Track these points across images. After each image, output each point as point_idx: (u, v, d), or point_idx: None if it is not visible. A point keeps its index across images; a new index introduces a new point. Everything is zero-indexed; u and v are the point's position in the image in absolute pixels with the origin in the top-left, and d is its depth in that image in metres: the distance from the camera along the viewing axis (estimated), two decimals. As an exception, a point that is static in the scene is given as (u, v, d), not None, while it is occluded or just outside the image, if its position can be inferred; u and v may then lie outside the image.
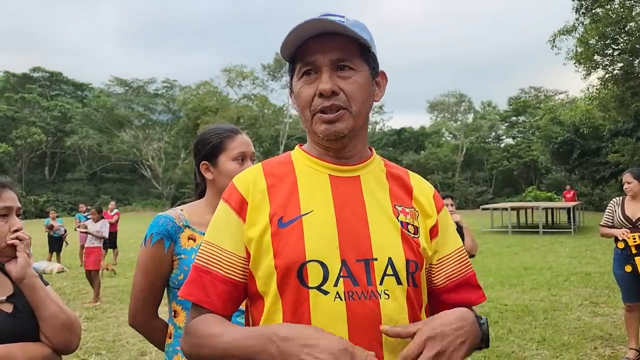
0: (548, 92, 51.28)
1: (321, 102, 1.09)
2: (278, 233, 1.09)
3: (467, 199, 43.88)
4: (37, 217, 37.41)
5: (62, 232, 12.30)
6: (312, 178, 1.16)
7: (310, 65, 1.11)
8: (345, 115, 1.10)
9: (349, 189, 1.15)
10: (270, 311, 1.08)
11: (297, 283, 1.05)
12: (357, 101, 1.12)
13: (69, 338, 1.51)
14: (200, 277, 1.13)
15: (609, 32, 18.04)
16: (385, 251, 1.09)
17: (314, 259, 1.06)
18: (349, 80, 1.10)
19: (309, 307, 1.04)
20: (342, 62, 1.10)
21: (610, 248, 6.85)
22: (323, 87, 1.08)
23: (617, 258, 4.69)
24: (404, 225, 1.15)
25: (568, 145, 25.36)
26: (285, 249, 1.07)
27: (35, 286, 1.48)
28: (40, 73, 54.16)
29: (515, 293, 7.82)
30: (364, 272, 1.06)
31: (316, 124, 1.12)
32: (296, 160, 1.21)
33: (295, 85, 1.15)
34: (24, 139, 44.38)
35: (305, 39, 1.09)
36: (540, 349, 5.10)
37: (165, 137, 50.68)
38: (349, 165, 1.18)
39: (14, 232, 1.50)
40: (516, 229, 19.70)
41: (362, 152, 1.21)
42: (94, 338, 6.00)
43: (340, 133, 1.11)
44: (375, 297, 1.06)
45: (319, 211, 1.11)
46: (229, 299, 1.12)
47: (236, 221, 1.13)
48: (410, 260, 1.11)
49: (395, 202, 1.18)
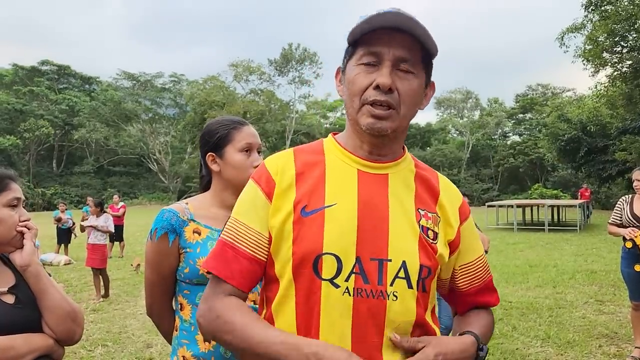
0: (555, 89, 50.96)
1: (375, 95, 1.08)
2: (300, 221, 1.10)
3: (472, 196, 43.75)
4: (45, 209, 37.63)
5: (70, 225, 12.40)
6: (340, 171, 1.16)
7: (373, 55, 1.09)
8: (393, 115, 1.10)
9: (375, 187, 1.15)
10: (284, 295, 1.10)
11: (311, 272, 1.07)
12: (408, 104, 1.12)
13: (72, 328, 1.52)
14: (225, 252, 1.15)
15: (618, 30, 17.93)
16: (400, 254, 1.10)
17: (330, 252, 1.07)
18: (406, 82, 1.10)
19: (320, 298, 1.06)
20: (405, 62, 1.10)
21: (616, 246, 6.79)
22: (383, 81, 1.07)
23: (625, 257, 4.67)
24: (424, 230, 1.15)
25: (575, 142, 25.22)
26: (304, 238, 1.09)
27: (40, 274, 1.50)
28: (48, 66, 54.26)
29: (520, 290, 7.82)
30: (376, 272, 1.08)
31: (363, 115, 1.11)
32: (328, 151, 1.21)
33: (351, 70, 1.13)
34: (32, 132, 44.56)
35: (376, 27, 1.08)
36: (545, 347, 5.10)
37: (172, 131, 50.75)
38: (379, 162, 1.18)
39: (24, 221, 1.54)
40: (522, 226, 19.63)
41: (395, 152, 1.21)
42: (100, 330, 6.04)
43: (384, 131, 1.11)
44: (384, 297, 1.07)
45: (342, 205, 1.11)
46: (249, 276, 1.14)
47: (264, 202, 1.15)
48: (424, 266, 1.12)
49: (419, 206, 1.18)
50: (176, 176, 49.56)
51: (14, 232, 1.51)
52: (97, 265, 7.80)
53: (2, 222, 1.49)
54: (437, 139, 50.43)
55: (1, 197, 1.51)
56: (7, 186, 1.53)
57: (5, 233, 1.50)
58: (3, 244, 1.51)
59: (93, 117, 48.25)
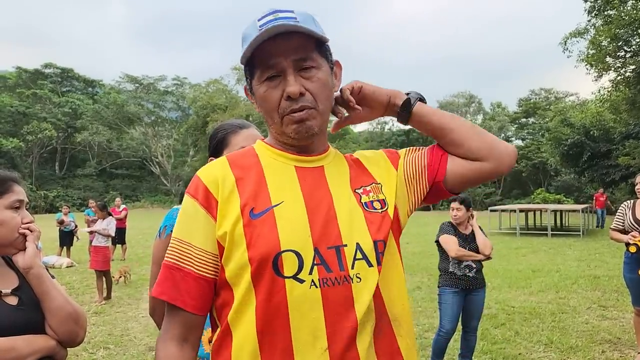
0: (558, 93, 50.88)
1: (290, 105, 1.10)
2: (250, 224, 1.09)
3: (475, 200, 43.70)
4: (47, 212, 37.71)
5: (72, 227, 12.44)
6: (278, 169, 1.18)
7: (272, 69, 1.10)
8: (314, 113, 1.13)
9: (314, 179, 1.18)
10: (242, 302, 1.08)
11: (272, 273, 1.06)
12: (322, 98, 1.14)
13: (74, 330, 1.52)
14: (172, 275, 1.12)
15: (622, 34, 17.91)
16: (353, 237, 1.13)
17: (288, 248, 1.07)
18: (313, 80, 1.12)
19: (286, 296, 1.05)
20: (304, 61, 1.11)
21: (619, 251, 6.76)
22: (291, 89, 1.09)
23: (628, 262, 4.66)
24: (368, 205, 1.19)
25: (578, 147, 25.19)
26: (259, 240, 1.07)
27: (42, 276, 1.51)
28: (51, 69, 54.52)
29: (522, 295, 7.79)
30: (335, 259, 1.09)
31: (287, 126, 1.13)
32: (260, 153, 1.22)
33: (258, 89, 1.14)
34: (35, 135, 44.71)
35: (260, 42, 1.08)
36: (548, 352, 5.08)
37: (174, 134, 50.86)
38: (312, 156, 1.21)
39: (26, 223, 1.54)
40: (524, 230, 19.59)
41: (324, 144, 1.25)
42: (102, 332, 6.04)
43: (311, 130, 1.13)
44: (348, 281, 1.09)
45: (289, 202, 1.12)
46: (201, 296, 1.12)
47: (205, 217, 1.12)
48: (377, 241, 1.15)
49: (355, 187, 1.22)
50: (178, 179, 49.61)
51: (16, 234, 1.51)
52: (99, 267, 7.84)
53: (4, 224, 1.49)
54: (439, 143, 50.35)
55: (3, 199, 1.52)
56: (9, 188, 1.54)
57: (8, 235, 1.50)
58: (5, 246, 1.51)
59: (96, 120, 48.41)
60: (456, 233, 4.27)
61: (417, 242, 15.35)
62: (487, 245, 4.27)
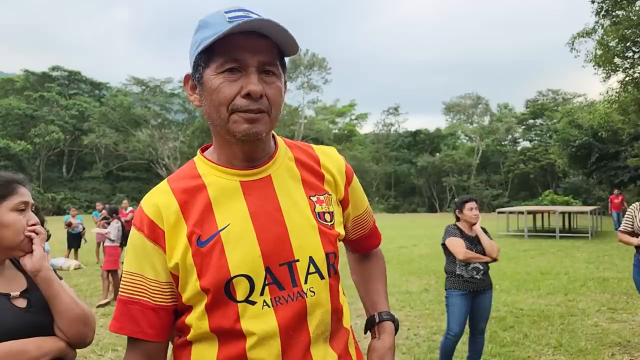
0: (566, 94, 50.66)
1: (247, 104, 1.06)
2: (198, 253, 1.08)
3: (482, 202, 43.56)
4: (55, 214, 37.87)
5: (80, 230, 12.48)
6: (223, 189, 1.13)
7: (236, 62, 1.06)
8: (265, 118, 1.09)
9: (262, 193, 1.14)
10: (198, 325, 1.10)
11: (225, 299, 1.07)
12: (276, 107, 1.12)
13: (84, 331, 1.52)
14: (128, 310, 1.12)
15: (630, 35, 17.76)
16: (305, 250, 1.12)
17: (239, 273, 1.07)
18: (273, 86, 1.10)
19: (239, 319, 1.07)
20: (269, 66, 1.09)
21: (628, 254, 6.70)
22: (254, 88, 1.05)
23: (638, 264, 4.61)
24: (320, 216, 1.19)
25: (586, 148, 25.05)
26: (209, 269, 1.07)
27: (51, 279, 1.50)
28: (59, 72, 54.85)
29: (531, 298, 7.74)
30: (288, 275, 1.10)
31: (235, 123, 1.08)
32: (203, 173, 1.17)
33: (211, 79, 1.08)
34: (43, 137, 44.98)
35: (230, 32, 1.03)
36: (557, 355, 5.03)
37: (180, 136, 50.97)
38: (258, 168, 1.16)
39: (31, 226, 1.53)
40: (532, 232, 19.49)
41: (269, 150, 1.20)
42: (110, 334, 6.03)
43: (259, 135, 1.09)
44: (302, 296, 1.10)
45: (235, 223, 1.10)
46: (161, 325, 1.13)
47: (152, 249, 1.11)
48: (329, 253, 1.16)
49: (310, 193, 1.20)
50: (185, 181, 49.68)
51: (21, 237, 1.50)
52: (104, 267, 8.00)
53: (9, 226, 1.49)
54: (446, 145, 50.29)
55: (8, 201, 1.51)
56: (14, 190, 1.53)
57: (13, 237, 1.49)
58: (12, 249, 1.51)
59: (103, 122, 48.63)
60: (462, 235, 4.25)
61: (424, 244, 15.31)
62: (494, 248, 4.24)
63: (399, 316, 6.57)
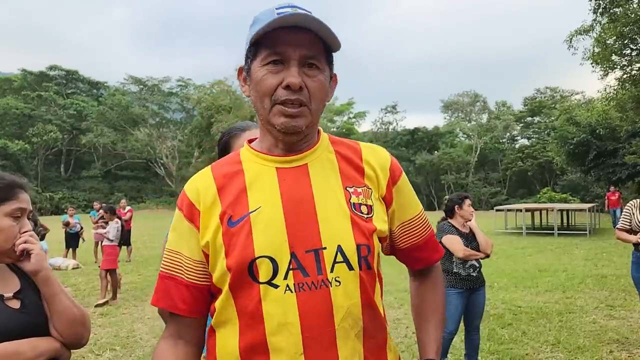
0: (564, 92, 50.66)
1: (286, 94, 1.09)
2: (228, 232, 1.11)
3: (480, 200, 43.59)
4: (53, 213, 37.85)
5: (78, 229, 12.47)
6: (260, 174, 1.17)
7: (279, 55, 1.10)
8: (305, 112, 1.12)
9: (296, 180, 1.16)
10: (224, 307, 1.13)
11: (248, 280, 1.09)
12: (317, 100, 1.14)
13: (80, 332, 1.52)
14: (165, 284, 1.18)
15: (627, 32, 17.77)
16: (334, 239, 1.11)
17: (263, 255, 1.08)
18: (314, 79, 1.12)
19: (260, 301, 1.07)
20: (311, 59, 1.12)
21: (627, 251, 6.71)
22: (292, 80, 1.08)
23: (636, 261, 4.62)
24: (355, 207, 1.16)
25: (584, 146, 25.03)
26: (235, 248, 1.10)
27: (50, 279, 1.50)
28: (56, 71, 54.77)
29: (529, 295, 7.75)
30: (314, 262, 1.09)
31: (275, 115, 1.12)
32: (244, 159, 1.22)
33: (257, 71, 1.13)
34: (40, 137, 44.94)
35: (277, 27, 1.08)
36: (555, 352, 5.04)
37: (179, 135, 50.97)
38: (295, 155, 1.18)
39: (24, 233, 1.50)
40: (530, 230, 19.52)
41: (310, 141, 1.22)
42: (108, 334, 6.04)
43: (299, 128, 1.12)
44: (326, 285, 1.08)
45: (266, 207, 1.12)
46: (193, 302, 1.17)
47: (189, 228, 1.16)
48: (361, 245, 1.13)
49: (347, 184, 1.19)
50: (183, 180, 49.64)
51: (11, 244, 1.48)
52: (103, 266, 7.98)
53: (1, 231, 1.46)
54: (444, 143, 50.29)
55: (5, 206, 1.49)
56: (14, 195, 1.51)
57: (3, 243, 1.47)
58: (1, 254, 1.49)
59: (101, 121, 48.59)
60: (458, 233, 4.24)
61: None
62: (488, 244, 4.25)
63: (397, 314, 6.61)
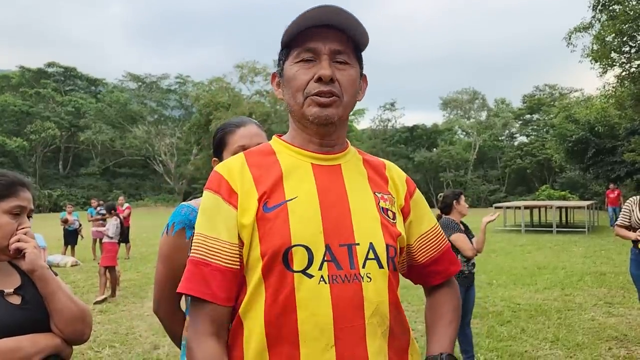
0: (563, 89, 50.62)
1: (318, 87, 1.13)
2: (264, 217, 1.11)
3: (479, 197, 43.61)
4: (51, 211, 37.84)
5: (77, 226, 12.46)
6: (295, 167, 1.19)
7: (310, 52, 1.15)
8: (337, 102, 1.15)
9: (331, 177, 1.19)
10: (253, 294, 1.09)
11: (282, 267, 1.08)
12: (348, 93, 1.17)
13: (80, 329, 1.52)
14: (199, 270, 1.12)
15: (626, 30, 17.78)
16: (366, 236, 1.13)
17: (299, 243, 1.08)
18: (345, 73, 1.16)
19: (294, 290, 1.06)
20: (341, 54, 1.16)
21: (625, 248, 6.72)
22: (323, 72, 1.12)
23: (635, 259, 4.62)
24: (384, 211, 1.21)
25: (583, 143, 25.03)
26: (270, 234, 1.09)
27: (47, 278, 1.49)
28: (54, 68, 54.60)
29: (528, 292, 7.76)
30: (347, 257, 1.10)
31: (308, 107, 1.15)
32: (278, 150, 1.24)
33: (289, 69, 1.17)
34: (39, 134, 44.84)
35: (308, 26, 1.13)
36: (554, 349, 5.05)
37: (177, 132, 50.86)
38: (330, 154, 1.22)
39: (19, 230, 1.50)
40: (529, 227, 19.54)
41: (342, 142, 1.26)
42: (107, 331, 6.04)
43: (331, 118, 1.15)
44: (358, 280, 1.09)
45: (303, 197, 1.14)
46: (230, 289, 1.12)
47: (228, 210, 1.14)
48: (390, 245, 1.16)
49: (375, 189, 1.23)
50: (182, 178, 49.68)
51: (7, 242, 1.48)
52: (102, 263, 7.99)
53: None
54: (443, 140, 50.19)
55: (4, 202, 1.49)
56: (15, 193, 1.51)
57: (0, 240, 1.47)
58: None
59: (99, 118, 48.49)
60: (459, 229, 4.24)
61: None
62: (483, 242, 4.29)
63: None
